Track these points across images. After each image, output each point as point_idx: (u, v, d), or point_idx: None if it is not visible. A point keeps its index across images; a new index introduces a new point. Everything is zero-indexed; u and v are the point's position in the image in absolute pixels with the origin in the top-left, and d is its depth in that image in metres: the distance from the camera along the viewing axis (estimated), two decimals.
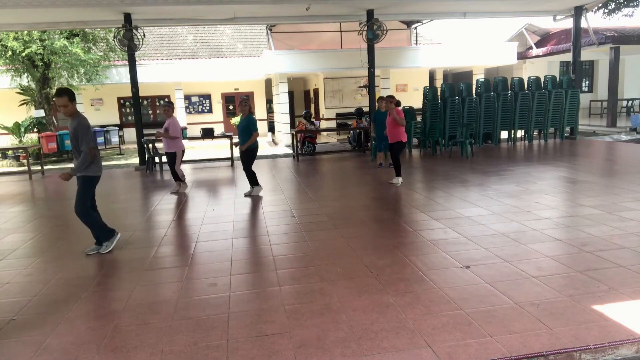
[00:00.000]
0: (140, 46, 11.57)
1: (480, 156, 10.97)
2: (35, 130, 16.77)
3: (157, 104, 22.55)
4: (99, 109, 21.91)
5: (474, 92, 13.14)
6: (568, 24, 14.18)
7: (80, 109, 19.34)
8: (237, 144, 7.57)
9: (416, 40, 20.79)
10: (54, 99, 4.59)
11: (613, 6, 20.59)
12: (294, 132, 12.65)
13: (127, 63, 12.01)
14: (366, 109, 14.25)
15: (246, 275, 4.22)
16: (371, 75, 12.52)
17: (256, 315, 3.40)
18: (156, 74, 19.85)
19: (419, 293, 3.63)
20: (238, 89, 22.69)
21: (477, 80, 13.35)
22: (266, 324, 3.26)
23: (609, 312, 3.20)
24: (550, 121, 13.04)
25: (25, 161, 12.78)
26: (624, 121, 17.65)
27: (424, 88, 12.59)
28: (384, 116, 9.51)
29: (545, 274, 3.87)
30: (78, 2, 10.00)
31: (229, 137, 12.11)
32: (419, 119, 12.52)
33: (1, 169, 14.43)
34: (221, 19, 12.80)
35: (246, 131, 7.33)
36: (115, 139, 17.91)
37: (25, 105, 17.76)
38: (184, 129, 10.56)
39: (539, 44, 21.34)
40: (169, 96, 22.10)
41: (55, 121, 17.27)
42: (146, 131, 12.56)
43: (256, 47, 23.19)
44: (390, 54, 17.61)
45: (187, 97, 22.29)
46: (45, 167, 12.16)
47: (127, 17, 11.16)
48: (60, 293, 4.01)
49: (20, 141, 16.57)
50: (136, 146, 12.45)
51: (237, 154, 7.63)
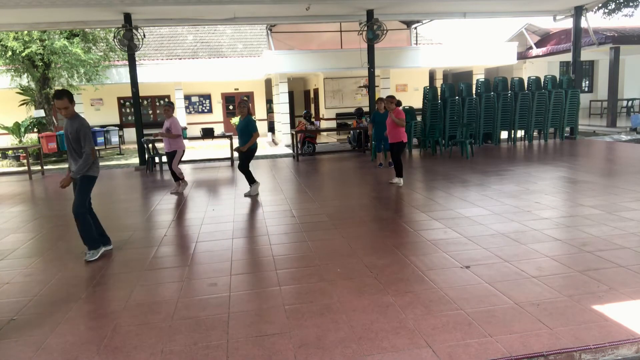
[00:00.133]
0: (140, 46, 11.58)
1: (480, 156, 10.97)
2: (35, 130, 16.77)
3: (157, 104, 22.55)
4: (99, 109, 21.92)
5: (474, 92, 13.14)
6: (568, 24, 14.17)
7: (80, 109, 19.40)
8: (237, 149, 7.55)
9: (416, 40, 20.80)
10: (53, 100, 4.55)
11: (613, 6, 20.61)
12: (294, 132, 12.65)
13: (127, 63, 12.01)
14: (366, 109, 14.25)
15: (246, 275, 4.22)
16: (371, 75, 12.52)
17: (256, 315, 3.40)
18: (156, 74, 19.85)
19: (419, 293, 3.63)
20: (238, 89, 22.68)
21: (477, 80, 13.35)
22: (266, 324, 3.26)
23: (609, 312, 3.20)
24: (550, 121, 13.04)
25: (25, 161, 12.79)
26: (624, 121, 17.65)
27: (424, 88, 12.59)
28: (383, 117, 9.53)
29: (546, 274, 3.87)
30: (78, 2, 10.01)
31: (228, 137, 12.14)
32: (419, 119, 12.52)
33: (1, 169, 14.43)
34: (221, 19, 12.80)
35: (245, 132, 7.36)
36: (115, 139, 17.91)
37: (25, 105, 17.76)
38: (183, 129, 10.57)
39: (539, 44, 21.34)
40: (169, 96, 22.11)
41: (55, 121, 17.27)
42: (146, 131, 12.56)
43: (256, 47, 23.19)
44: (390, 54, 17.62)
45: (187, 97, 22.30)
46: (45, 167, 12.15)
47: (127, 17, 11.16)
48: (60, 293, 4.01)
49: (20, 141, 16.57)
50: (136, 146, 12.46)
51: (237, 154, 7.63)
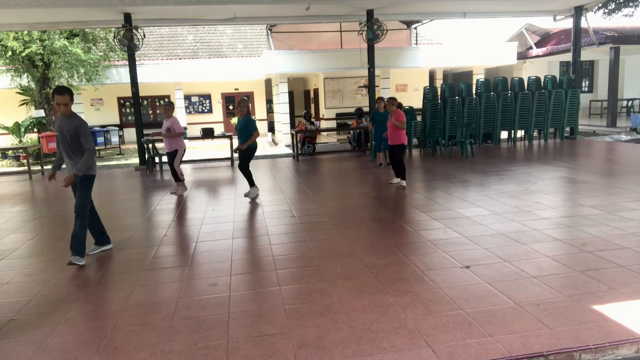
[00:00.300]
0: (140, 46, 11.58)
1: (480, 156, 10.97)
2: (35, 130, 16.76)
3: (157, 104, 22.54)
4: (99, 109, 21.90)
5: (474, 92, 13.14)
6: (568, 24, 14.17)
7: (80, 109, 19.39)
8: (237, 148, 7.54)
9: (416, 40, 20.79)
10: (54, 96, 4.54)
11: (613, 6, 20.61)
12: (294, 132, 12.65)
13: (127, 63, 12.01)
14: (366, 109, 14.25)
15: (246, 275, 4.22)
16: (371, 75, 12.52)
17: (256, 315, 3.40)
18: (156, 74, 19.84)
19: (419, 293, 3.63)
20: (238, 89, 22.68)
21: (477, 80, 13.35)
22: (266, 324, 3.26)
23: (609, 312, 3.20)
24: (550, 121, 13.04)
25: (25, 161, 12.79)
26: (624, 121, 17.64)
27: (424, 88, 12.59)
28: (382, 116, 9.52)
29: (546, 274, 3.87)
30: (78, 2, 10.00)
31: (228, 137, 12.14)
32: (419, 119, 12.52)
33: (1, 169, 14.43)
34: (221, 19, 12.80)
35: (245, 131, 7.35)
36: (115, 139, 17.91)
37: (25, 105, 17.75)
38: (184, 129, 10.57)
39: (539, 44, 21.33)
40: (169, 96, 22.10)
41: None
42: (146, 131, 12.57)
43: (256, 47, 23.18)
44: (390, 54, 17.61)
45: (187, 97, 22.29)
46: (45, 167, 12.15)
47: (127, 17, 11.16)
48: (60, 293, 4.01)
49: (20, 141, 16.56)
50: (136, 146, 12.46)
51: (237, 154, 7.62)
